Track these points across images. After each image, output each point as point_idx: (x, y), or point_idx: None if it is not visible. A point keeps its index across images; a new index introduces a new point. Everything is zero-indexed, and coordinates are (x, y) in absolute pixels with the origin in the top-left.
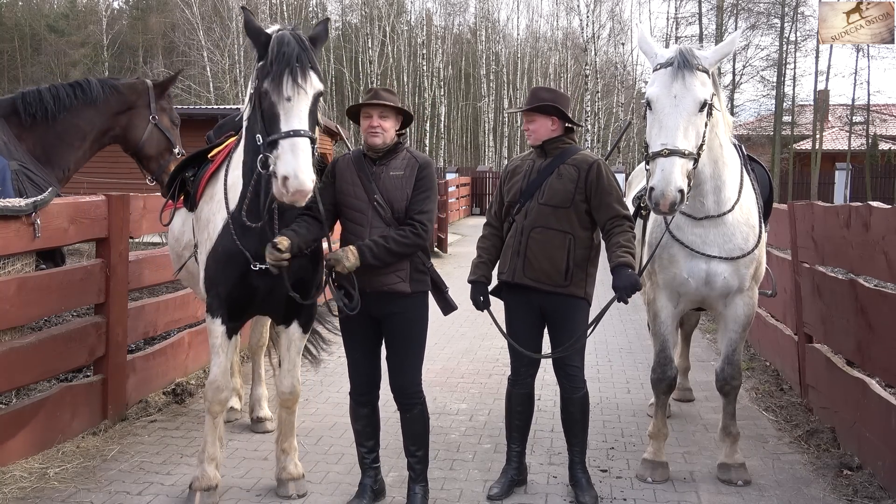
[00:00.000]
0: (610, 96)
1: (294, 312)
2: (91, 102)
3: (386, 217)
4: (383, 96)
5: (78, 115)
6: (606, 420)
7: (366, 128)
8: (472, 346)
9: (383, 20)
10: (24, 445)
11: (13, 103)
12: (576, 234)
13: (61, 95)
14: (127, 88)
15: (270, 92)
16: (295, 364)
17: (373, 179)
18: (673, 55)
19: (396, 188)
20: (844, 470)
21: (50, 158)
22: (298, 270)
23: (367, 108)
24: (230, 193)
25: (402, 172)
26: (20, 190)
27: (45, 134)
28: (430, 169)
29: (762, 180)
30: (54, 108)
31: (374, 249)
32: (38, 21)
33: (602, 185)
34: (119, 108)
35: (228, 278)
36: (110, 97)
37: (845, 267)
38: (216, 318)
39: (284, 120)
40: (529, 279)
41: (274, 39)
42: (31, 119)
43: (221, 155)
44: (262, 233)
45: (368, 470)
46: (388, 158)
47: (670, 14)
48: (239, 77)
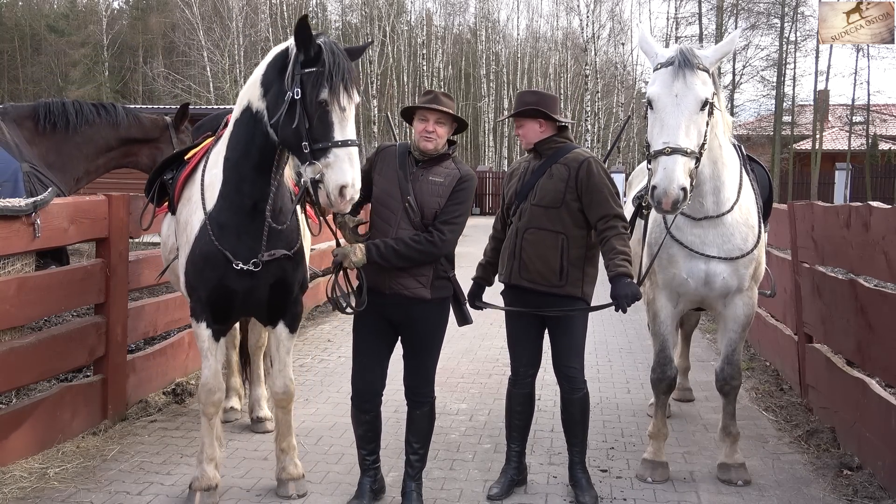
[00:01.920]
0: (610, 96)
1: (279, 313)
2: (113, 123)
3: (415, 220)
4: (443, 102)
5: (98, 131)
6: (606, 420)
7: (420, 131)
8: (472, 346)
9: (383, 20)
10: (24, 445)
11: (33, 110)
12: (569, 233)
13: (84, 111)
14: (149, 121)
15: (328, 101)
16: (285, 364)
17: (410, 179)
18: (674, 54)
19: (433, 194)
20: (844, 470)
21: (64, 165)
22: (277, 270)
23: (424, 111)
24: (207, 193)
25: (441, 180)
26: (31, 191)
27: (64, 142)
28: (470, 182)
29: (762, 180)
30: (76, 120)
31: (381, 248)
32: (38, 21)
33: (593, 182)
34: (140, 136)
35: (208, 280)
36: (132, 123)
37: (845, 267)
38: (200, 322)
39: (339, 129)
40: (525, 280)
41: (327, 50)
42: (49, 126)
43: (198, 156)
44: (240, 231)
45: (369, 470)
46: (432, 163)
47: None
48: (239, 77)
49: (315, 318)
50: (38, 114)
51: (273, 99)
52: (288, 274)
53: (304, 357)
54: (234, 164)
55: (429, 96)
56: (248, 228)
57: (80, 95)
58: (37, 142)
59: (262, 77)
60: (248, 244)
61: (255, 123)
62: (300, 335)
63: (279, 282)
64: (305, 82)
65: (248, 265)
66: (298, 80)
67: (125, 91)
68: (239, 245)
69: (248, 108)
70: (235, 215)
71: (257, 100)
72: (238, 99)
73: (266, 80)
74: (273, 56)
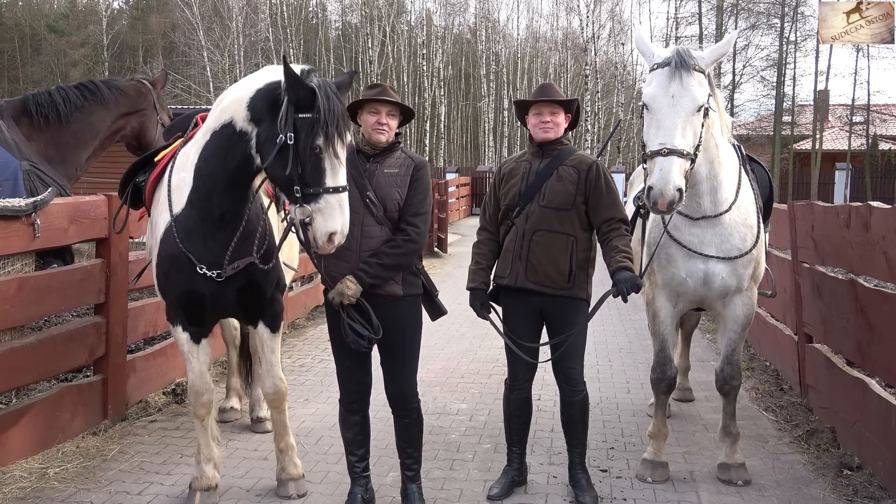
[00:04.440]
0: (610, 96)
1: (256, 314)
2: (102, 103)
3: (378, 215)
4: (392, 94)
5: (91, 115)
6: (606, 420)
7: (372, 124)
8: (472, 346)
9: (383, 20)
10: (24, 445)
11: (23, 104)
12: (577, 236)
13: (71, 97)
14: (133, 90)
15: (322, 148)
16: (272, 364)
17: (366, 176)
18: (670, 55)
19: (391, 185)
20: (844, 470)
21: (64, 157)
22: (245, 274)
23: (375, 104)
24: (174, 196)
25: (397, 170)
26: (32, 189)
27: (60, 133)
28: (426, 169)
29: (762, 180)
30: (66, 108)
31: (370, 270)
32: (38, 21)
33: (600, 186)
34: (128, 109)
35: (176, 283)
36: (119, 98)
37: (845, 267)
38: (176, 325)
39: (331, 176)
40: (532, 283)
41: (321, 94)
42: (43, 120)
43: (167, 157)
44: (206, 237)
45: (359, 479)
46: (383, 156)
47: (670, 14)
48: (239, 77)
49: (315, 319)
50: (30, 108)
51: (264, 137)
52: (257, 276)
53: (304, 357)
54: (207, 175)
55: (377, 89)
56: (215, 236)
57: None
58: (34, 137)
59: (251, 101)
60: (214, 251)
61: (237, 141)
62: (300, 335)
63: (249, 284)
64: (300, 128)
65: (212, 273)
66: (292, 124)
67: None
68: (204, 250)
69: (230, 124)
70: (203, 222)
71: (243, 121)
72: (219, 108)
73: (255, 108)
74: (264, 84)
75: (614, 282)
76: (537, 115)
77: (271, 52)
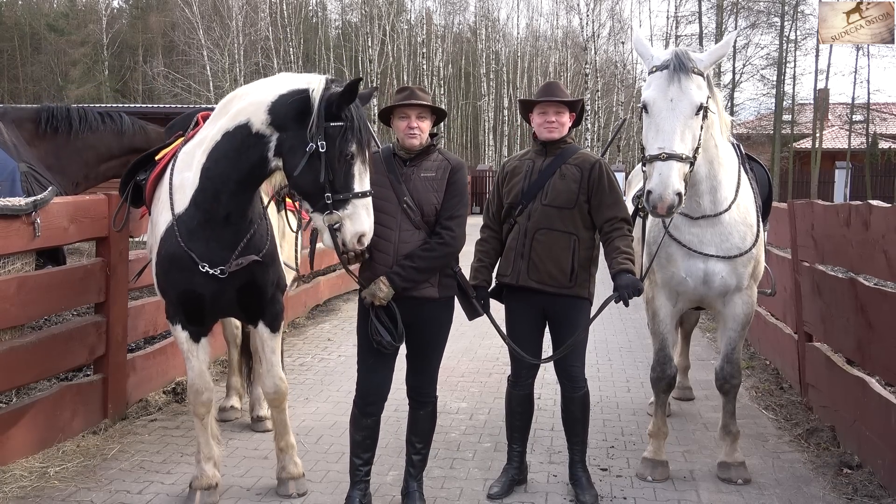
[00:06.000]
0: (610, 95)
1: (256, 314)
2: (117, 132)
3: (415, 220)
4: (421, 96)
5: (101, 139)
6: (606, 419)
7: (403, 129)
8: (472, 345)
9: (383, 19)
10: (25, 444)
11: (35, 113)
12: (580, 234)
13: (89, 118)
14: (155, 134)
15: (354, 154)
16: (272, 364)
17: (403, 181)
18: (669, 57)
19: (428, 190)
20: (844, 468)
21: (63, 168)
22: (245, 274)
23: (404, 108)
24: (176, 195)
25: (433, 174)
26: (29, 191)
27: (63, 146)
28: (462, 171)
29: (761, 179)
30: (79, 126)
31: (403, 273)
32: (37, 20)
33: (603, 185)
34: (143, 147)
35: (177, 282)
36: (137, 133)
37: (845, 265)
38: (176, 324)
39: (359, 181)
40: (534, 281)
41: (353, 104)
42: (50, 130)
43: (168, 156)
44: (209, 237)
45: (359, 483)
46: (420, 159)
47: (670, 13)
48: (239, 76)
49: (315, 318)
50: (41, 117)
51: (289, 145)
52: (257, 276)
53: (304, 356)
54: (216, 175)
55: (405, 93)
56: (220, 235)
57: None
58: (36, 144)
59: (272, 105)
60: (217, 249)
61: (252, 144)
62: (300, 334)
63: (249, 284)
64: (332, 135)
65: (215, 270)
66: (323, 132)
67: (125, 90)
68: (207, 249)
69: (246, 125)
70: (207, 222)
71: (261, 124)
72: (232, 109)
73: (276, 113)
74: (288, 91)
75: (616, 286)
76: (542, 115)
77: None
